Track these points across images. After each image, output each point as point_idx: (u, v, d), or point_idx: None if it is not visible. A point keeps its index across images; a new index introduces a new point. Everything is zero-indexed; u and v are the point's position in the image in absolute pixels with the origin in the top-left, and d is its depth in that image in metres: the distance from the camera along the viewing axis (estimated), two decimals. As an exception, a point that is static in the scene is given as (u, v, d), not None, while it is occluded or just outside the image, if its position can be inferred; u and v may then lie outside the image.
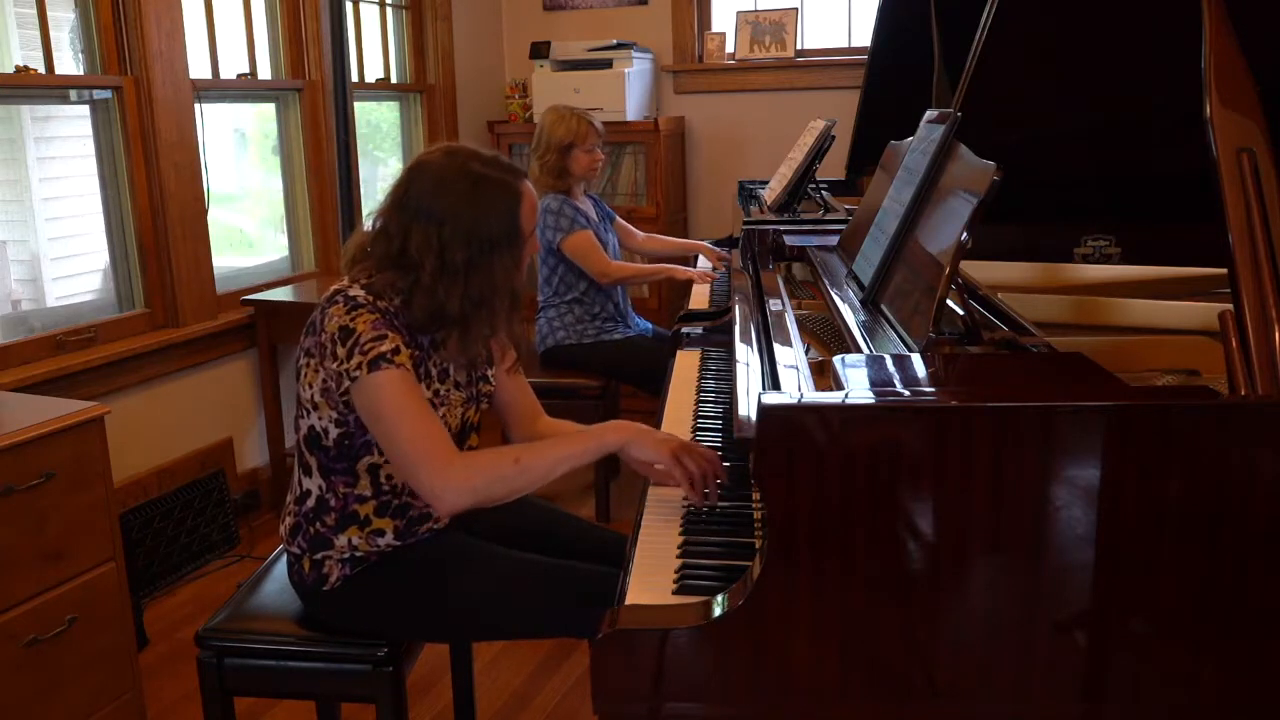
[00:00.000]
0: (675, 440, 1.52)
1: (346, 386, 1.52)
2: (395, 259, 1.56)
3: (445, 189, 1.55)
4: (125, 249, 2.97)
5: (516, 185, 1.59)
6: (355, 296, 1.54)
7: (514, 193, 1.58)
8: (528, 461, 1.52)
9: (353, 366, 1.50)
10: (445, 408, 1.63)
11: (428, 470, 1.49)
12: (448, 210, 1.54)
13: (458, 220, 1.54)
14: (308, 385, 1.58)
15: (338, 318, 1.52)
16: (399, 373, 1.50)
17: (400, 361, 1.51)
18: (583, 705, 2.34)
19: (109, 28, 2.83)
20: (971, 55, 1.66)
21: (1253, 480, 1.05)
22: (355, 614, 1.63)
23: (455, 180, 1.55)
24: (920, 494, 1.07)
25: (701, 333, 2.38)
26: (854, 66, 4.04)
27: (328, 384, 1.55)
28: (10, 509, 1.91)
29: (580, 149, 3.23)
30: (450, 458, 1.50)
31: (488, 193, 1.55)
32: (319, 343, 1.55)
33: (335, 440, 1.59)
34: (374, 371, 1.49)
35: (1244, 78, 1.19)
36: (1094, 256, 1.90)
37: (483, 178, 1.56)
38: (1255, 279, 1.12)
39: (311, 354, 1.57)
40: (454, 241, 1.53)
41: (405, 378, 1.51)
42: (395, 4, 4.17)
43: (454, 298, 1.54)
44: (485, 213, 1.55)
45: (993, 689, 1.10)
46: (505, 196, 1.57)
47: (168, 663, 2.55)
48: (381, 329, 1.52)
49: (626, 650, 1.13)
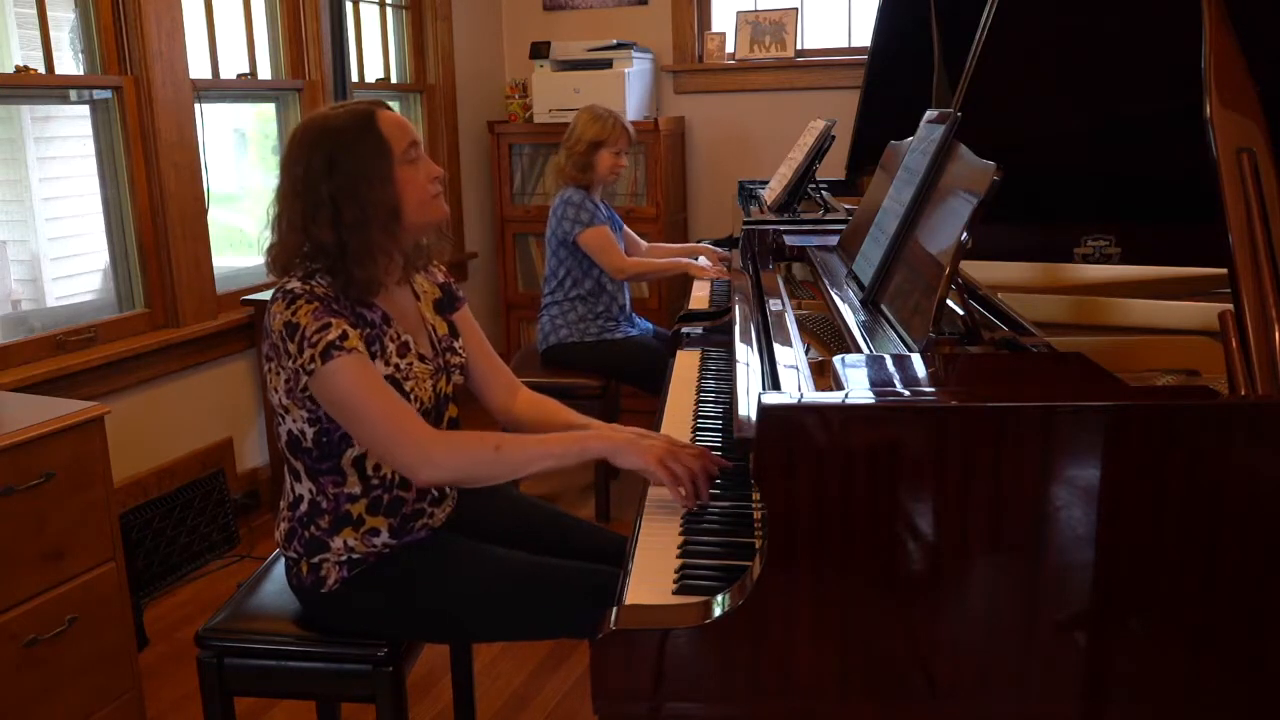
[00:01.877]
0: (659, 447, 1.51)
1: (304, 382, 1.52)
2: (298, 235, 1.56)
3: (301, 147, 1.56)
4: (125, 249, 2.97)
5: (366, 108, 1.59)
6: (292, 289, 1.54)
7: (365, 114, 1.58)
8: (507, 450, 1.53)
9: (306, 361, 1.50)
10: (412, 381, 1.62)
11: (403, 445, 1.50)
12: (307, 160, 1.55)
13: (314, 161, 1.55)
14: (274, 390, 1.59)
15: (280, 314, 1.53)
16: (352, 358, 1.50)
17: (351, 345, 1.51)
18: (583, 705, 2.34)
19: (109, 28, 2.83)
20: (971, 55, 1.66)
21: (1253, 480, 1.05)
22: (355, 616, 1.63)
23: (308, 136, 1.57)
24: (920, 494, 1.07)
25: (701, 333, 2.38)
26: (854, 66, 4.05)
27: (290, 383, 1.55)
28: (10, 509, 1.91)
29: (607, 149, 3.27)
30: (429, 435, 1.53)
31: (337, 128, 1.56)
32: (272, 344, 1.56)
33: (314, 440, 1.59)
34: (327, 362, 1.49)
35: (1244, 78, 1.19)
36: (1094, 256, 1.90)
37: (329, 119, 1.58)
38: (1255, 279, 1.12)
39: (269, 357, 1.58)
40: (316, 180, 1.54)
41: (359, 361, 1.51)
42: (395, 4, 4.17)
43: (325, 227, 1.54)
44: (338, 144, 1.55)
45: (993, 689, 1.10)
46: (356, 120, 1.57)
47: (168, 663, 2.55)
48: (323, 317, 1.51)
49: (626, 650, 1.13)
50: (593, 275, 3.30)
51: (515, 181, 4.46)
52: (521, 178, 4.46)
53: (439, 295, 1.78)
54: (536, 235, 4.34)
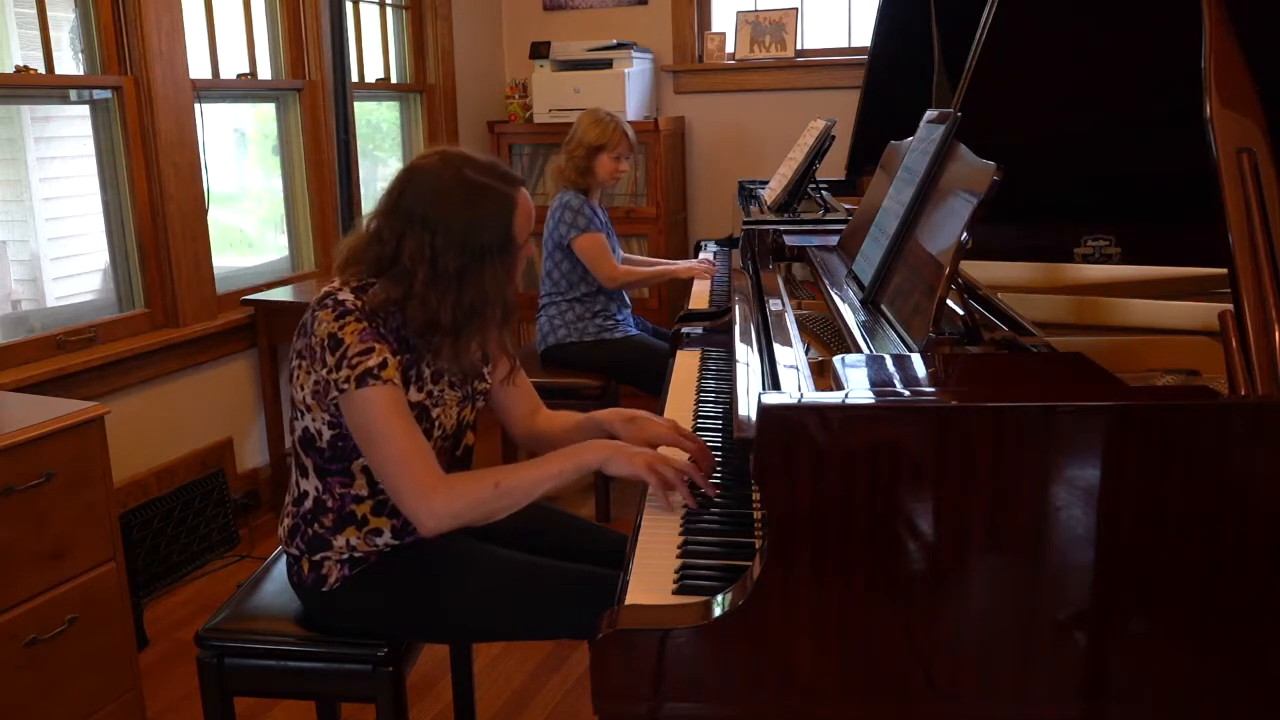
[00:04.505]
0: (648, 453, 1.53)
1: (334, 396, 1.52)
2: (388, 265, 1.55)
3: (439, 196, 1.54)
4: (125, 249, 2.97)
5: (512, 194, 1.58)
6: (344, 301, 1.54)
7: (509, 201, 1.57)
8: (507, 485, 1.54)
9: (341, 379, 1.50)
10: (440, 408, 1.63)
11: (410, 494, 1.51)
12: (441, 218, 1.53)
13: (451, 228, 1.53)
14: (300, 387, 1.59)
15: (326, 323, 1.52)
16: (385, 390, 1.50)
17: (388, 376, 1.50)
18: (583, 705, 2.34)
19: (109, 28, 2.83)
20: (971, 55, 1.66)
21: (1253, 480, 1.05)
22: (355, 615, 1.63)
23: (450, 187, 1.54)
24: (920, 494, 1.07)
25: (701, 333, 2.38)
26: (854, 66, 4.04)
27: (319, 388, 1.55)
28: (10, 509, 1.91)
29: (608, 154, 3.26)
30: (432, 483, 1.52)
31: (482, 201, 1.55)
32: (309, 345, 1.55)
33: (329, 441, 1.59)
34: (361, 388, 1.49)
35: (1244, 78, 1.19)
36: (1094, 256, 1.90)
37: (478, 185, 1.55)
38: (1255, 279, 1.12)
39: (303, 356, 1.57)
40: (447, 250, 1.52)
41: (392, 395, 1.51)
42: (395, 4, 4.17)
43: (446, 307, 1.53)
44: (479, 221, 1.54)
45: (993, 689, 1.10)
46: (500, 205, 1.56)
47: (168, 663, 2.55)
48: (369, 340, 1.51)
49: (626, 650, 1.13)
50: (589, 278, 3.30)
51: (515, 181, 4.45)
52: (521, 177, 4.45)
53: None
54: (537, 235, 4.32)
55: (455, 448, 1.71)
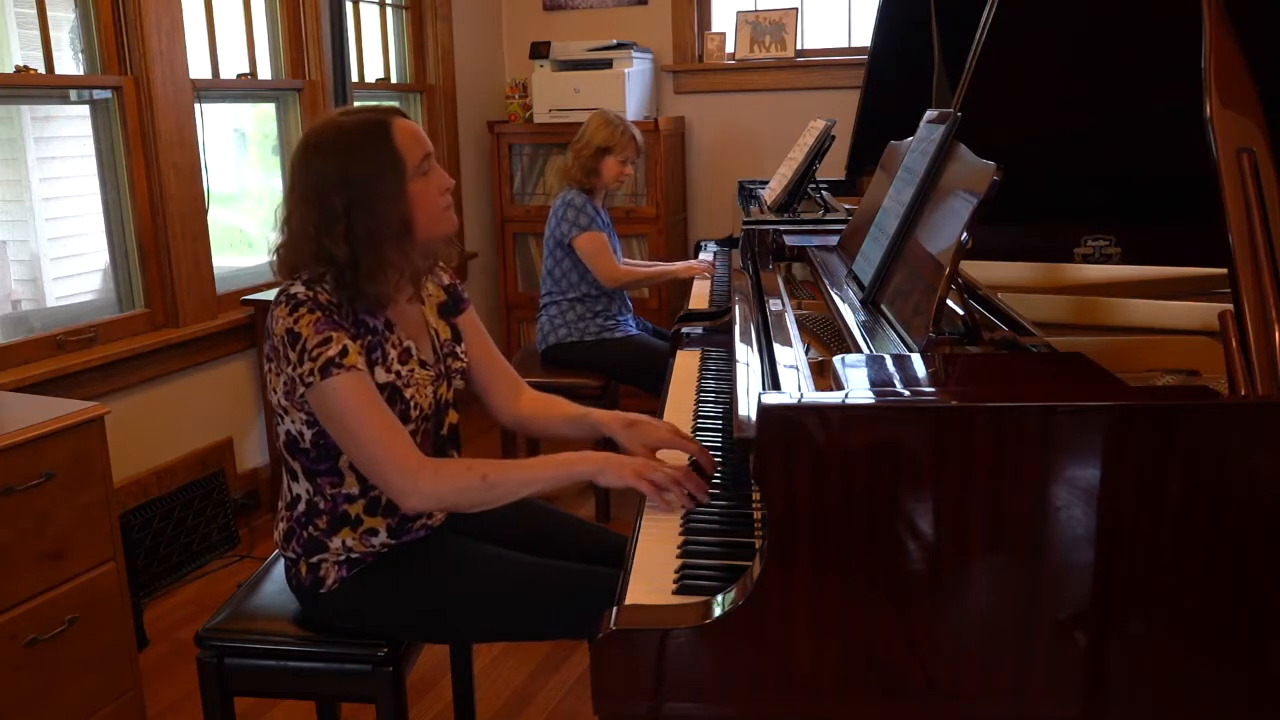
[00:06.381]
0: (637, 461, 1.53)
1: (302, 392, 1.52)
2: (310, 244, 1.55)
3: (317, 153, 1.55)
4: (125, 249, 2.97)
5: (384, 119, 1.57)
6: (296, 294, 1.54)
7: (382, 126, 1.56)
8: (495, 479, 1.54)
9: (305, 373, 1.50)
10: (413, 388, 1.62)
11: (395, 472, 1.51)
12: (322, 169, 1.53)
13: (328, 171, 1.53)
14: (274, 390, 1.59)
15: (282, 320, 1.53)
16: (351, 376, 1.50)
17: (350, 363, 1.50)
18: (583, 705, 2.34)
19: (109, 28, 2.83)
20: (971, 55, 1.66)
21: (1253, 480, 1.05)
22: (354, 616, 1.63)
23: (323, 141, 1.55)
24: (920, 494, 1.07)
25: (701, 333, 2.38)
26: (854, 66, 4.04)
27: (289, 387, 1.55)
28: (10, 509, 1.91)
29: (614, 157, 3.28)
30: (416, 460, 1.52)
31: (354, 135, 1.55)
32: (273, 346, 1.56)
33: (312, 441, 1.59)
34: (326, 379, 1.49)
35: (1244, 78, 1.19)
36: (1094, 256, 1.90)
37: (347, 126, 1.56)
38: (1255, 279, 1.12)
39: (270, 358, 1.58)
40: (331, 191, 1.52)
41: (358, 380, 1.51)
42: (395, 4, 4.17)
43: (339, 240, 1.52)
44: (355, 153, 1.54)
45: (993, 689, 1.10)
46: (373, 132, 1.55)
47: (168, 663, 2.56)
48: (324, 330, 1.51)
49: (626, 650, 1.13)
50: (589, 278, 3.30)
51: (515, 181, 4.46)
52: (521, 178, 4.46)
53: (444, 298, 1.78)
54: (537, 235, 4.34)
55: (439, 427, 1.70)
